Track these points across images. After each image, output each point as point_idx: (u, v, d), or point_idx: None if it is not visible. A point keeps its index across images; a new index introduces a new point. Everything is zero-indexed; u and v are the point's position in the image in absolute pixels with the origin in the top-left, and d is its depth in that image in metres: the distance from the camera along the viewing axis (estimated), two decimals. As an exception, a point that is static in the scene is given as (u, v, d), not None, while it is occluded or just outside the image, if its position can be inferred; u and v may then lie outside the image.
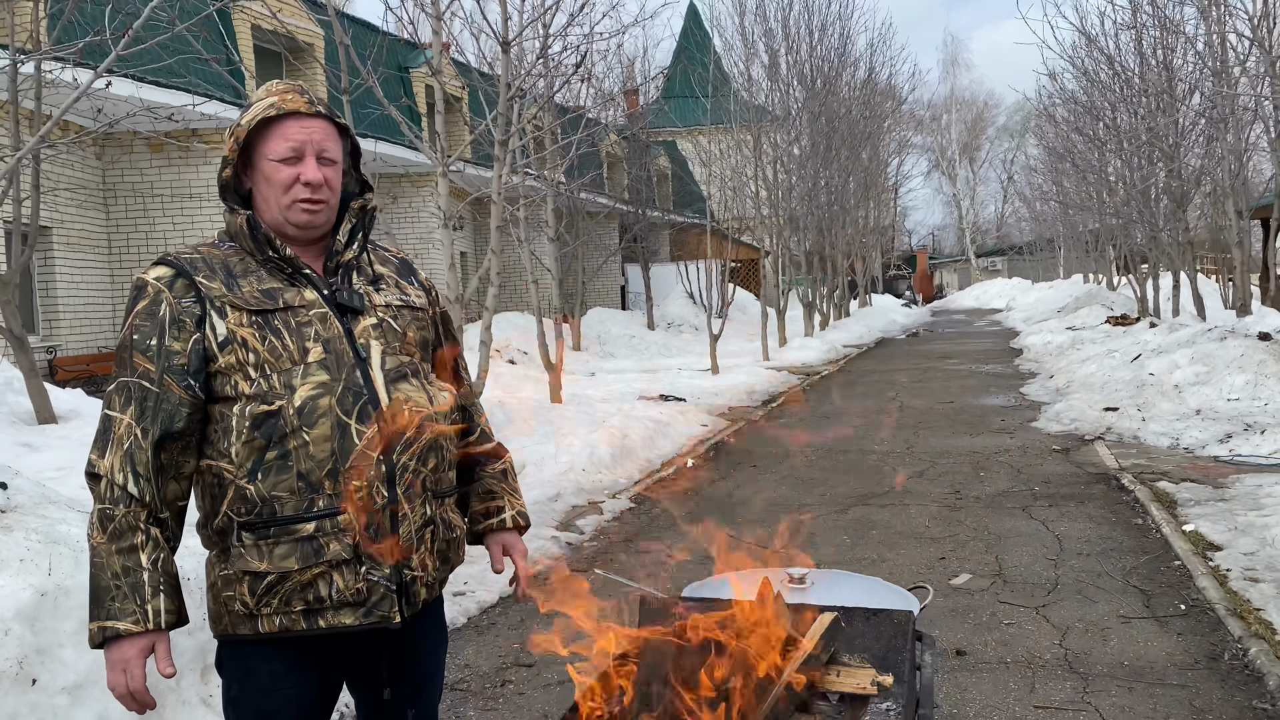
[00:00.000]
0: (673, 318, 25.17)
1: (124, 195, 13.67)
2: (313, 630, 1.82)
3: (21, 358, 7.75)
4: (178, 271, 1.85)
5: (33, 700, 2.94)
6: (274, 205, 1.88)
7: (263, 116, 1.84)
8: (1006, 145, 60.26)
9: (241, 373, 1.80)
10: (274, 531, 1.79)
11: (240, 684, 1.90)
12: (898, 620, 1.67)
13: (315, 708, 1.94)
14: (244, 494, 1.79)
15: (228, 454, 1.80)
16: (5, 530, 3.32)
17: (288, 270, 1.88)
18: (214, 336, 1.81)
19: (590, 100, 17.05)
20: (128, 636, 1.72)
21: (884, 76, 28.69)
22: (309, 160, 1.85)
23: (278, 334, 1.82)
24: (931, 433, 9.99)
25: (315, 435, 1.78)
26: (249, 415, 1.79)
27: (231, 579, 1.82)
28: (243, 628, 1.84)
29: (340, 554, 1.79)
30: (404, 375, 1.90)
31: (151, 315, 1.81)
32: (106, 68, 4.74)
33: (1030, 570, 5.31)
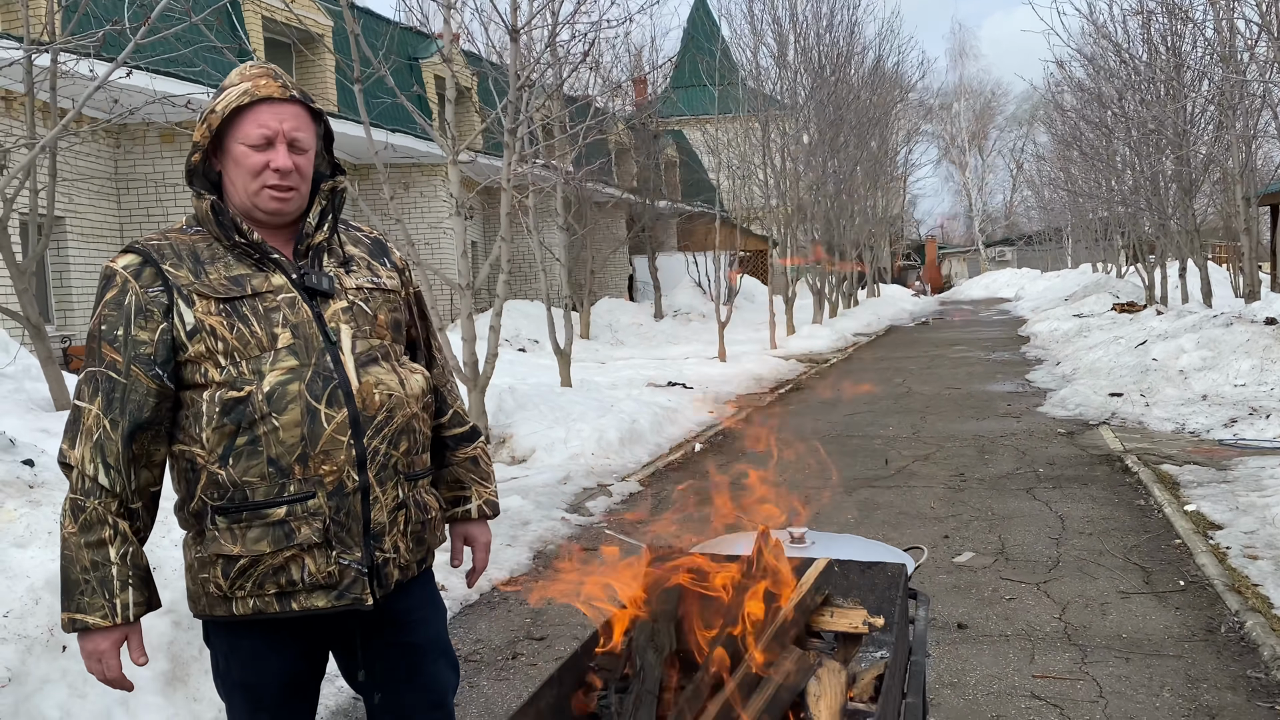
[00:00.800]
0: (680, 307, 25.25)
1: (136, 186, 13.80)
2: (285, 613, 1.84)
3: (39, 346, 7.88)
4: (145, 259, 1.84)
5: (63, 666, 3.06)
6: (242, 190, 1.87)
7: (236, 104, 1.83)
8: (1015, 134, 60.07)
9: (211, 360, 1.80)
10: (246, 516, 1.81)
11: (225, 658, 1.95)
12: (891, 573, 1.76)
13: (301, 677, 1.98)
14: (216, 479, 1.80)
15: (199, 440, 1.81)
16: (33, 505, 3.43)
17: (255, 255, 1.87)
18: (182, 326, 1.80)
19: (598, 89, 17.11)
20: (98, 630, 1.77)
21: (892, 65, 28.66)
22: (280, 147, 1.84)
23: (245, 321, 1.81)
24: (938, 417, 10.06)
25: (285, 421, 1.79)
26: (218, 401, 1.79)
27: (207, 561, 1.84)
28: (219, 609, 1.87)
29: (311, 538, 1.81)
30: (375, 358, 1.90)
31: (119, 305, 1.81)
32: (126, 57, 4.84)
33: (1033, 549, 5.40)
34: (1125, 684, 3.66)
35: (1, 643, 2.94)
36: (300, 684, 1.99)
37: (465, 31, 10.04)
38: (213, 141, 1.87)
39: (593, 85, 16.93)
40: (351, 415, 1.82)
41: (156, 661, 3.33)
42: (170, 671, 3.35)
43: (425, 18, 7.94)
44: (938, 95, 52.30)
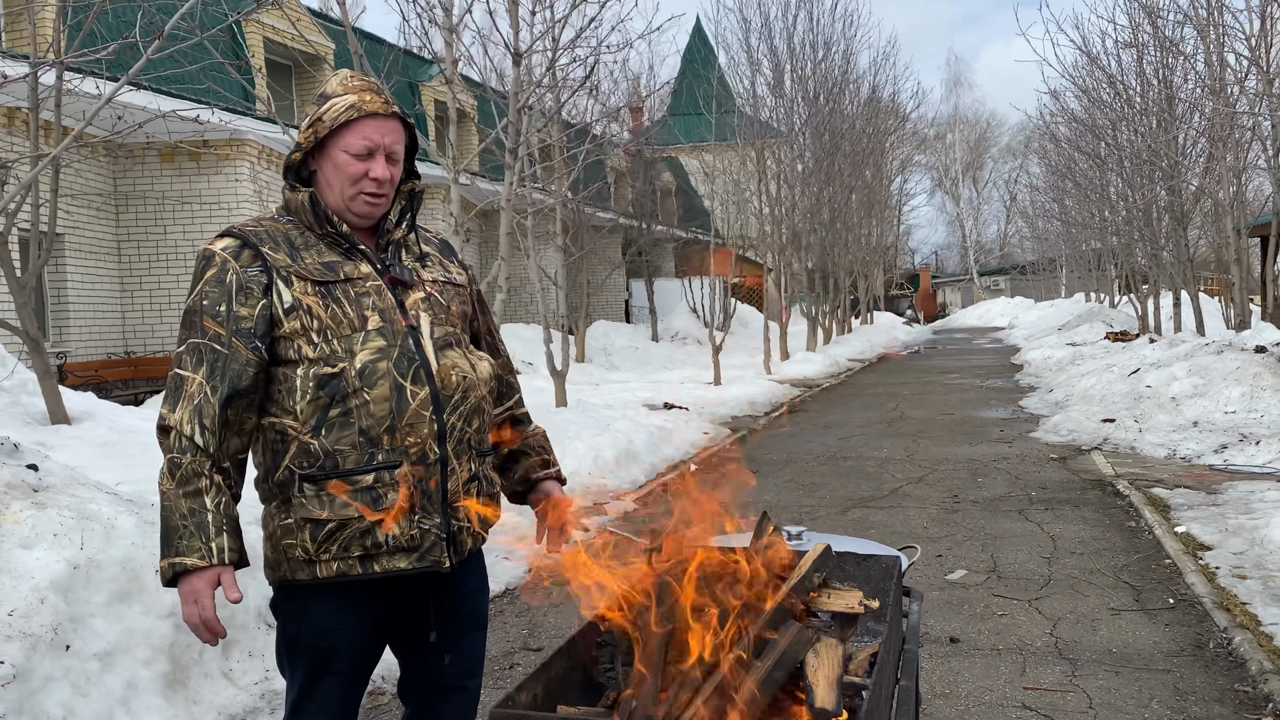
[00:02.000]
0: (676, 331, 25.36)
1: (134, 204, 13.87)
2: (368, 575, 1.96)
3: (37, 360, 7.92)
4: (243, 243, 1.99)
5: (66, 665, 3.09)
6: (339, 193, 2.02)
7: (346, 119, 1.98)
8: (1010, 165, 60.58)
9: (305, 337, 1.95)
10: (335, 483, 1.94)
11: (297, 625, 2.04)
12: (886, 564, 1.81)
13: (366, 650, 2.08)
14: (307, 448, 1.93)
15: (292, 411, 1.94)
16: (39, 507, 3.47)
17: (344, 245, 2.04)
18: (280, 303, 1.96)
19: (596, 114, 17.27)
20: (195, 571, 1.87)
21: (887, 94, 28.96)
22: (379, 159, 2.00)
23: (339, 303, 1.97)
24: (931, 441, 10.12)
25: (375, 395, 1.94)
26: (313, 376, 1.94)
27: (292, 527, 1.96)
28: (301, 573, 1.98)
29: (398, 503, 1.94)
30: (450, 344, 2.06)
31: (220, 282, 1.96)
32: (136, 73, 4.93)
33: (1024, 567, 5.44)
34: (1115, 696, 3.70)
35: (6, 640, 2.97)
36: (363, 656, 2.08)
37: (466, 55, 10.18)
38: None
39: (591, 111, 17.10)
40: (432, 393, 1.98)
41: (158, 663, 3.36)
42: (171, 674, 3.38)
43: (427, 36, 8.05)
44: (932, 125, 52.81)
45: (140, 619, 3.36)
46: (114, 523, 3.52)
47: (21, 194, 7.64)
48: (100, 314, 13.55)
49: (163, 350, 13.72)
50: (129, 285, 13.99)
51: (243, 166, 13.65)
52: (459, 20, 7.94)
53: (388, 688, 3.76)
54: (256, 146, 13.70)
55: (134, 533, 3.56)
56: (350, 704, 2.09)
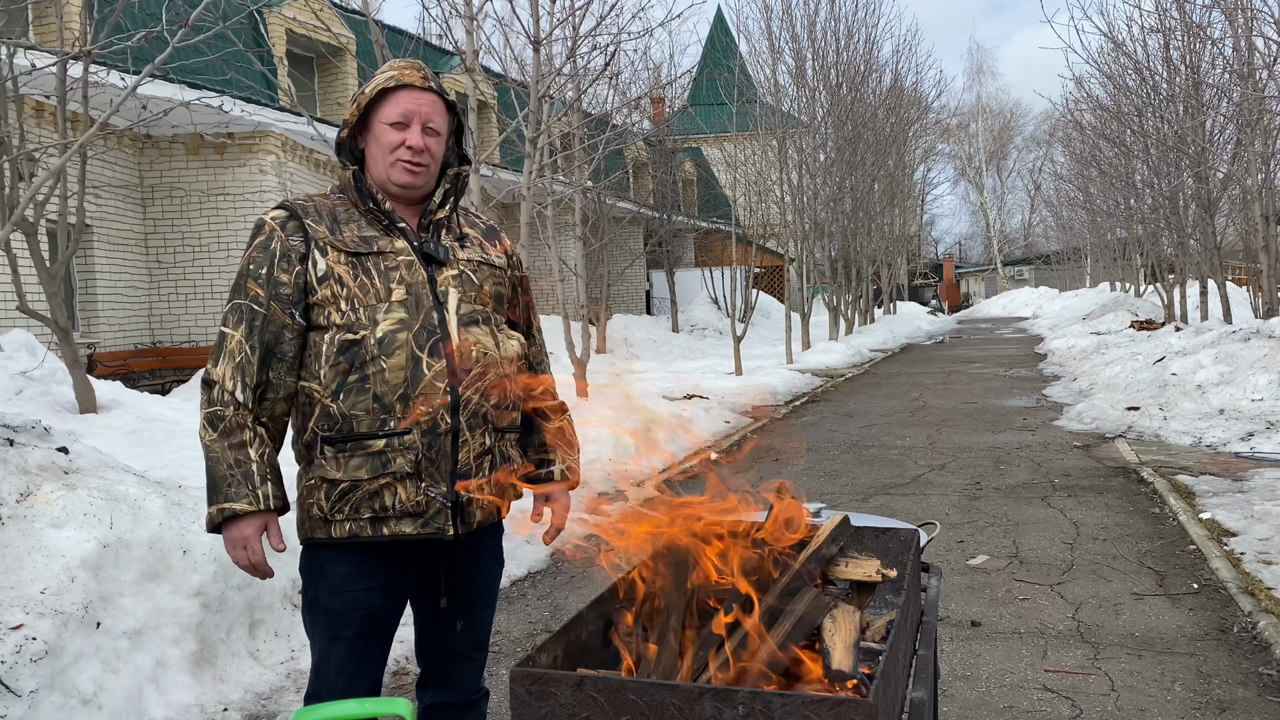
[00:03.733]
0: (697, 322, 25.33)
1: (160, 195, 14.00)
2: (377, 537, 2.05)
3: (66, 349, 8.03)
4: (291, 214, 2.11)
5: (97, 642, 3.14)
6: (380, 164, 2.11)
7: (383, 86, 2.09)
8: (1034, 154, 60.06)
9: (334, 305, 2.04)
10: (350, 446, 2.03)
11: (315, 585, 2.13)
12: (904, 537, 1.82)
13: (382, 614, 2.14)
14: (328, 411, 2.03)
15: (317, 375, 2.04)
16: (69, 488, 3.53)
17: (384, 222, 2.12)
18: (314, 271, 2.05)
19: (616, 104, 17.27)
20: (244, 516, 1.98)
21: (910, 83, 28.76)
22: (414, 127, 2.09)
23: (368, 274, 2.06)
24: (954, 430, 10.09)
25: (391, 364, 2.01)
26: (336, 343, 2.03)
27: (313, 487, 2.06)
28: (319, 532, 2.07)
29: (404, 468, 2.02)
30: (476, 321, 2.13)
31: (265, 249, 2.08)
32: (160, 63, 4.98)
33: (1047, 553, 5.43)
34: (1137, 679, 3.69)
35: (39, 617, 3.03)
36: (379, 620, 2.14)
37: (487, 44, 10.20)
38: (359, 123, 2.14)
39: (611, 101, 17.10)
40: (449, 366, 2.04)
41: (186, 641, 3.42)
42: (199, 652, 3.43)
43: (448, 25, 8.08)
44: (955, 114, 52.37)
45: (169, 598, 3.42)
46: (142, 503, 3.57)
47: (50, 184, 7.75)
48: (128, 305, 13.70)
49: (189, 341, 13.86)
50: (156, 276, 14.13)
51: (266, 158, 13.75)
52: (480, 9, 7.97)
53: (411, 668, 3.81)
54: (280, 138, 13.79)
55: (161, 513, 3.62)
56: (369, 667, 2.14)
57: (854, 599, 1.60)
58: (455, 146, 2.25)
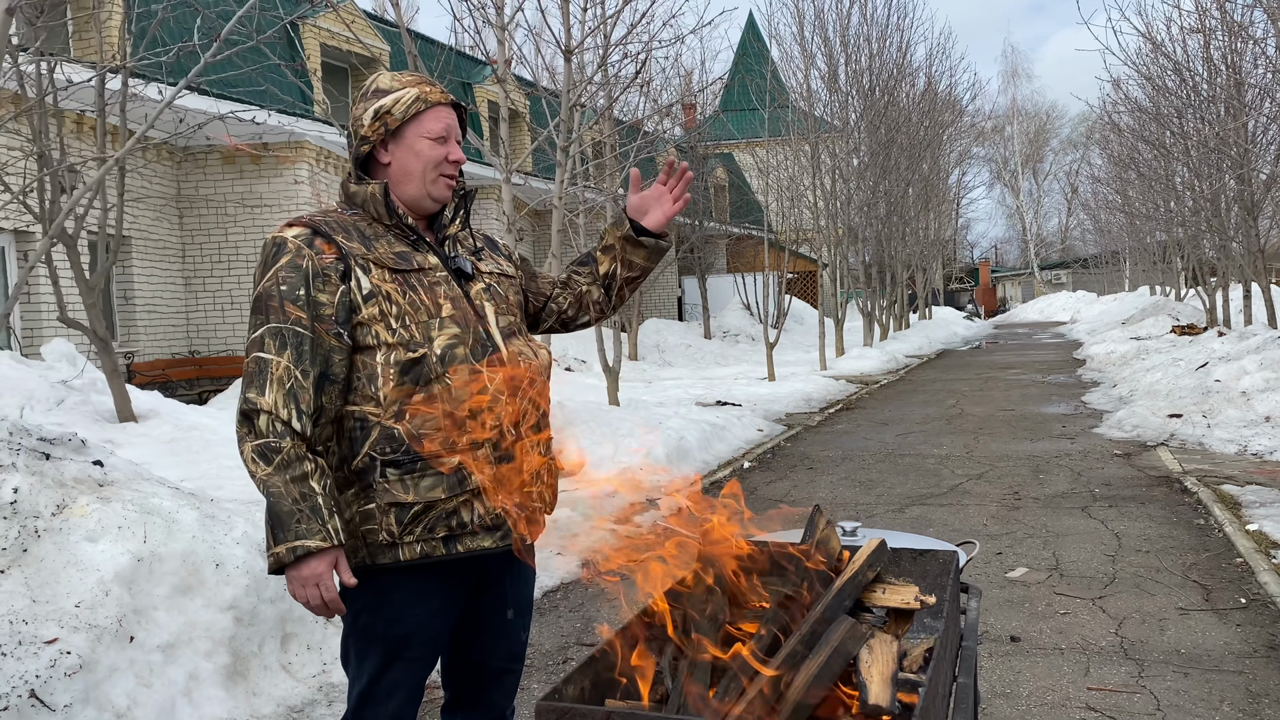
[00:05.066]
0: (729, 328, 25.26)
1: (197, 206, 14.18)
2: (451, 555, 2.00)
3: (105, 359, 8.12)
4: (314, 230, 2.02)
5: (131, 656, 3.15)
6: (418, 179, 2.08)
7: (417, 111, 2.07)
8: (1070, 157, 59.33)
9: (383, 323, 1.98)
10: (419, 466, 1.96)
11: (370, 612, 2.04)
12: (943, 559, 1.76)
13: (436, 636, 2.10)
14: (390, 434, 1.96)
15: (374, 397, 1.97)
16: (104, 501, 3.55)
17: (411, 237, 2.10)
18: (359, 290, 1.98)
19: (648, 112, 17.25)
20: (318, 553, 1.87)
21: (943, 86, 28.51)
22: (453, 142, 2.11)
23: (414, 290, 2.02)
24: (991, 438, 9.95)
25: (456, 380, 1.99)
26: (395, 362, 1.97)
27: (373, 512, 1.97)
28: (383, 557, 1.99)
29: (480, 483, 1.99)
30: (513, 333, 2.14)
31: (296, 268, 1.97)
32: (196, 74, 5.03)
33: (1088, 565, 5.31)
34: (1183, 698, 3.59)
35: (73, 631, 3.04)
36: (433, 643, 2.10)
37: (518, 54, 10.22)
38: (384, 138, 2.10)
39: (643, 109, 17.08)
40: (506, 378, 2.04)
41: (219, 655, 3.42)
42: (231, 666, 3.43)
43: (479, 36, 8.10)
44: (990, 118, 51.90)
45: (201, 611, 3.42)
46: (175, 517, 3.59)
47: (89, 196, 7.85)
48: (166, 314, 13.88)
49: (226, 350, 14.01)
50: (193, 286, 14.31)
51: (301, 168, 13.88)
52: (511, 18, 7.98)
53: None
54: (314, 149, 13.92)
55: (195, 526, 3.63)
56: (417, 691, 2.12)
57: (891, 627, 1.55)
58: None
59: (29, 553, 3.22)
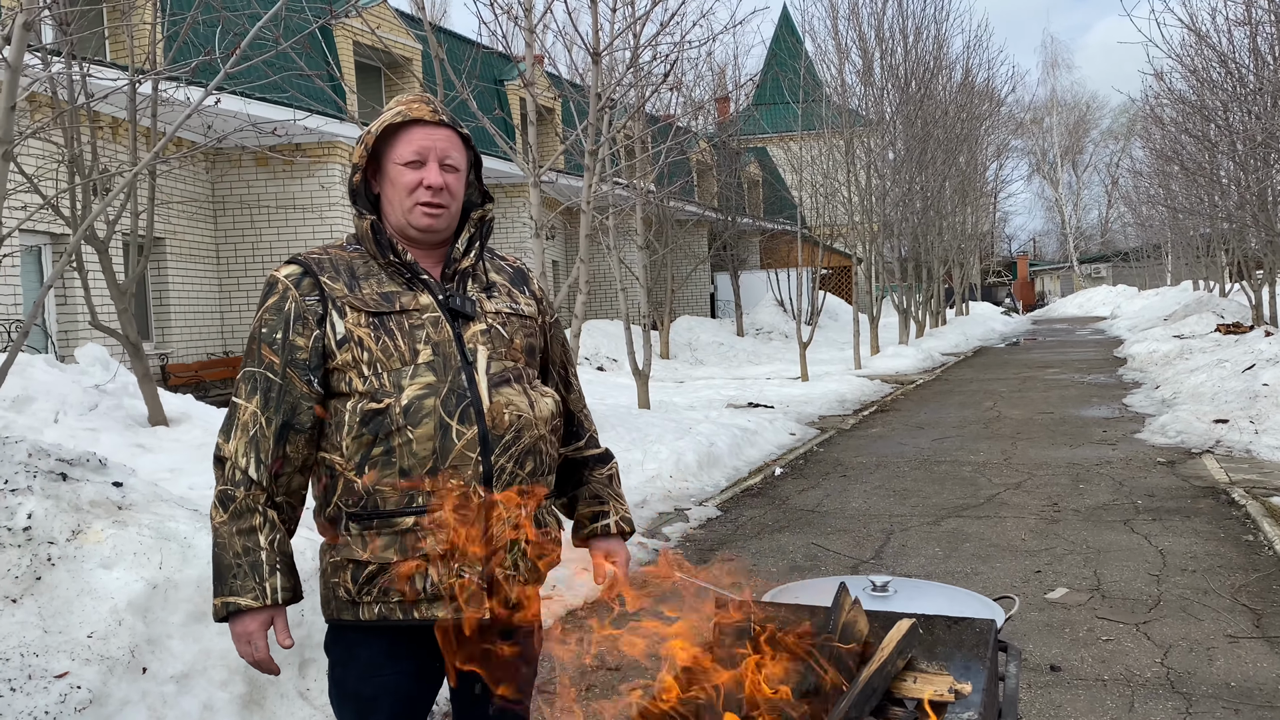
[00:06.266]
0: (762, 325, 25.06)
1: (232, 208, 14.25)
2: (408, 620, 1.89)
3: (136, 363, 8.13)
4: (305, 270, 1.94)
5: (143, 688, 3.09)
6: (398, 208, 1.95)
7: (390, 123, 1.93)
8: (1111, 148, 58.32)
9: (356, 370, 1.88)
10: (376, 523, 1.87)
11: (343, 668, 1.99)
12: (980, 629, 1.64)
13: (414, 695, 2.01)
14: (352, 486, 1.88)
15: (339, 447, 1.88)
16: (120, 526, 3.50)
17: (407, 275, 1.96)
18: (333, 334, 1.89)
19: (680, 109, 17.10)
20: (249, 611, 1.83)
21: (981, 79, 28.07)
22: (432, 165, 1.93)
23: (391, 335, 1.90)
24: (1030, 444, 9.73)
25: (419, 434, 1.85)
26: (359, 412, 1.87)
27: (338, 566, 1.91)
28: (345, 614, 1.93)
29: (434, 548, 1.86)
30: (507, 380, 1.96)
31: (279, 310, 1.91)
32: (215, 86, 4.97)
33: (1131, 586, 5.13)
34: (1235, 739, 3.43)
35: (85, 664, 2.98)
36: (409, 705, 2.01)
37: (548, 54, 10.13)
38: (371, 164, 1.99)
39: (675, 105, 16.93)
40: (481, 433, 1.88)
41: (234, 684, 3.36)
42: (247, 695, 3.37)
43: (508, 41, 8.01)
44: (1029, 109, 51.11)
45: (216, 640, 3.36)
46: (191, 542, 3.53)
47: (121, 199, 7.86)
48: (200, 315, 13.96)
49: (258, 350, 14.08)
50: (227, 286, 14.39)
51: (334, 169, 13.90)
52: (539, 20, 7.88)
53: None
54: (346, 149, 13.93)
55: (211, 552, 3.56)
56: None
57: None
58: (476, 183, 2.08)
59: (42, 581, 3.17)
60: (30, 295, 10.98)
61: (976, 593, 2.25)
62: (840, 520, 6.83)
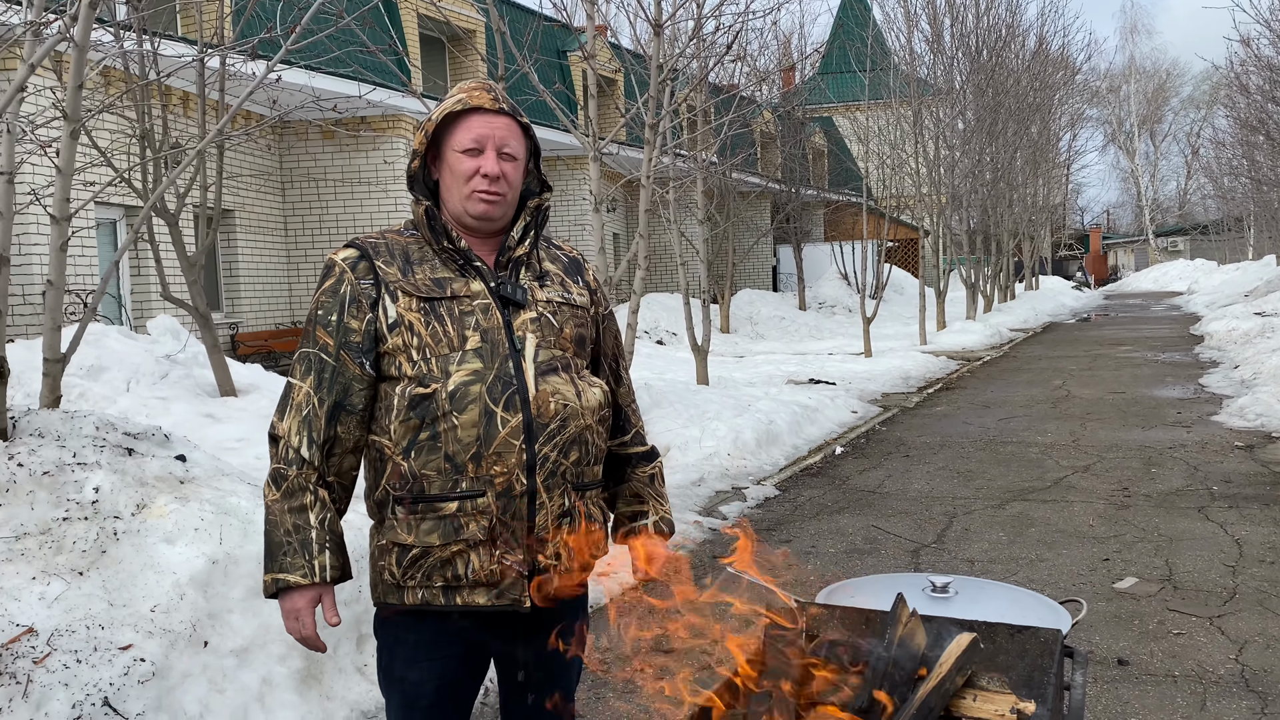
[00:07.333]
0: (825, 299, 24.77)
1: (299, 180, 14.44)
2: (450, 607, 1.92)
3: (206, 334, 8.30)
4: (362, 254, 1.96)
5: (204, 661, 3.15)
6: (455, 195, 1.97)
7: (450, 111, 1.94)
8: (1192, 117, 56.23)
9: (405, 355, 1.90)
10: (421, 508, 1.89)
11: (389, 652, 2.02)
12: (1044, 639, 1.57)
13: (458, 682, 2.02)
14: (399, 470, 1.90)
15: (388, 431, 1.91)
16: (182, 501, 3.56)
17: (460, 261, 1.97)
18: (385, 318, 1.91)
19: (744, 79, 16.86)
20: (297, 588, 1.87)
21: (1055, 46, 27.22)
22: (489, 153, 1.93)
23: (441, 320, 1.91)
24: (1100, 425, 9.46)
25: (464, 420, 1.86)
26: (407, 396, 1.89)
27: (385, 549, 1.94)
28: (391, 597, 1.95)
29: (477, 535, 1.88)
30: (555, 368, 1.95)
31: (334, 293, 1.94)
32: (278, 61, 5.00)
33: (1205, 577, 4.96)
34: (1313, 743, 3.29)
35: (148, 637, 3.05)
36: (455, 691, 2.03)
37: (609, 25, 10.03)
38: (431, 151, 2.00)
39: (739, 75, 16.69)
40: (526, 421, 1.89)
41: (292, 659, 3.41)
42: (305, 670, 3.42)
43: (569, 13, 7.94)
44: (1105, 77, 49.49)
45: (275, 615, 3.40)
46: (251, 518, 3.58)
47: (190, 172, 7.99)
48: (268, 286, 14.22)
49: (324, 321, 14.30)
50: (294, 258, 14.62)
51: (398, 143, 13.99)
52: (600, -9, 7.78)
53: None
54: (411, 122, 14.00)
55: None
56: None
57: (983, 742, 1.37)
58: (535, 172, 2.08)
59: (107, 554, 3.25)
60: (106, 267, 11.27)
61: (1042, 595, 2.17)
62: (901, 502, 6.72)
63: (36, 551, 3.18)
